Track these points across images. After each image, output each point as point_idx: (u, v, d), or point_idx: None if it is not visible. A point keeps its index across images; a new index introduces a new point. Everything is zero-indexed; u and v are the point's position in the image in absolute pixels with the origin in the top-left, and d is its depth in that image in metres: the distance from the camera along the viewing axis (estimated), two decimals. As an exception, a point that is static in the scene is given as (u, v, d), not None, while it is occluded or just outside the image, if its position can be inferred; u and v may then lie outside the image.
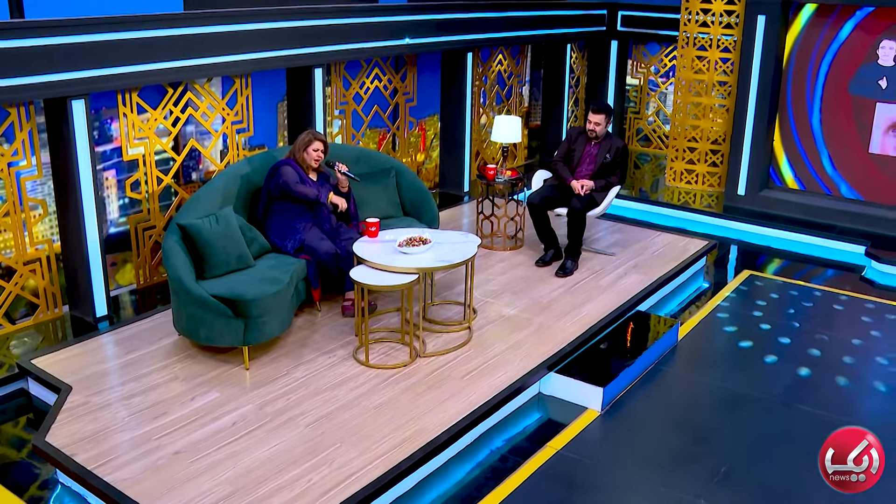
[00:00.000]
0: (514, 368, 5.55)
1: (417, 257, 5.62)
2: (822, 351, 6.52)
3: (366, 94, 8.51)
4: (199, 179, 7.29)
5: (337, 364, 5.50)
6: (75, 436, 4.57)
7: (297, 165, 6.07)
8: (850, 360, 6.42)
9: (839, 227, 8.99)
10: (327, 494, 4.15)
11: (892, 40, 8.69)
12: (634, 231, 8.55)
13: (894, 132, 8.96)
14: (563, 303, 6.67)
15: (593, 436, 5.26)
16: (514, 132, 7.83)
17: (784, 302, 7.50)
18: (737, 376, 6.12)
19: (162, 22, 6.00)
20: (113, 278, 6.62)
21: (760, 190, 9.70)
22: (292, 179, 5.97)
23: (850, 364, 6.36)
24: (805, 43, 9.19)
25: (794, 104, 9.44)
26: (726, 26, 9.81)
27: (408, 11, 8.18)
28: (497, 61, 10.54)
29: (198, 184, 7.19)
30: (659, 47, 11.91)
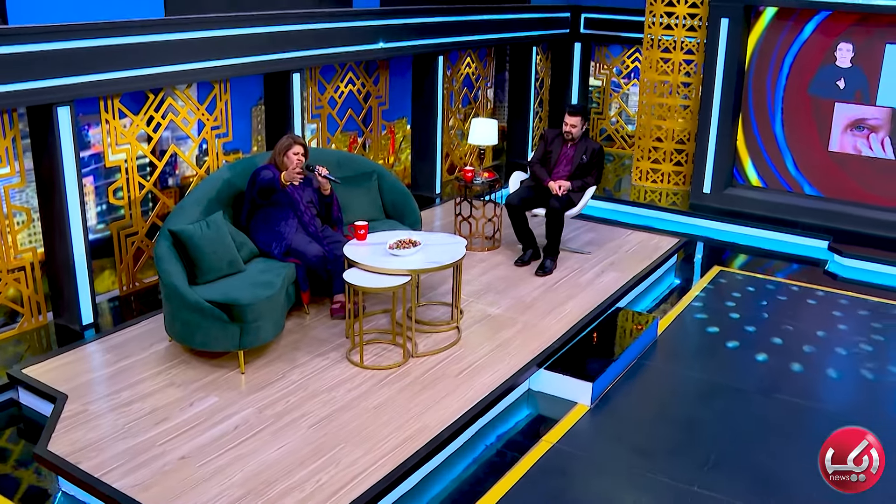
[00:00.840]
0: (506, 366, 5.66)
1: (408, 259, 5.69)
2: (794, 343, 6.76)
3: (340, 98, 8.56)
4: (176, 185, 7.26)
5: (331, 366, 5.55)
6: (77, 444, 4.55)
7: (277, 171, 6.08)
8: (821, 351, 6.67)
9: (802, 223, 9.28)
10: (338, 493, 4.21)
11: (849, 43, 9.01)
12: (607, 230, 8.73)
13: (852, 131, 9.28)
14: (545, 301, 6.80)
15: (585, 429, 5.39)
16: (490, 135, 7.95)
17: (755, 296, 7.74)
18: (715, 368, 6.32)
19: (147, 28, 5.98)
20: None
21: (725, 188, 9.96)
22: (266, 177, 5.97)
23: (820, 354, 6.61)
24: (766, 45, 9.47)
25: (755, 104, 9.72)
26: (689, 29, 10.06)
27: (381, 16, 8.25)
28: (465, 64, 10.65)
29: (175, 189, 7.16)
30: (621, 49, 12.14)
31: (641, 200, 10.21)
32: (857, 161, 9.32)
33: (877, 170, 9.24)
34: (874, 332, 7.03)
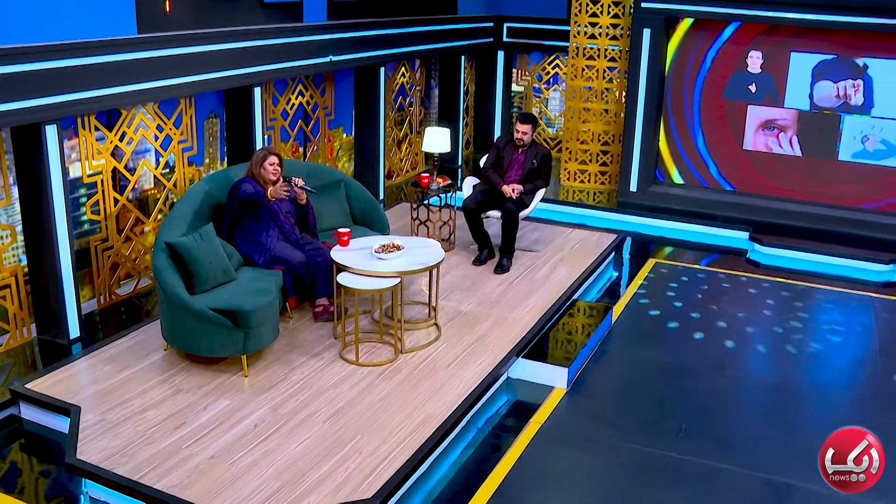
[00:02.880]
0: (489, 357, 6.09)
1: (394, 262, 6.05)
2: (734, 324, 7.45)
3: (292, 110, 8.81)
4: (135, 199, 7.35)
5: (328, 365, 5.85)
6: (105, 452, 4.72)
7: (255, 182, 6.31)
8: (756, 330, 7.38)
9: (722, 217, 10.06)
10: (368, 479, 4.54)
11: (759, 50, 9.86)
12: (549, 229, 9.26)
13: (764, 131, 10.14)
14: (509, 296, 7.26)
15: (567, 409, 5.88)
16: (443, 142, 8.36)
17: (690, 284, 8.41)
18: (668, 350, 6.96)
19: (132, 46, 6.16)
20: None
21: (649, 186, 10.66)
22: (242, 193, 6.21)
23: (756, 334, 7.33)
24: (684, 53, 10.23)
25: (675, 108, 10.47)
26: (612, 38, 10.73)
27: (332, 30, 8.56)
28: (400, 74, 11.03)
29: (134, 202, 7.25)
30: (542, 56, 12.77)
31: (571, 200, 10.80)
32: (769, 158, 10.18)
33: (786, 166, 10.12)
34: (798, 312, 7.79)
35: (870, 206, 9.82)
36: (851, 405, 6.28)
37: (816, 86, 9.75)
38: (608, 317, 7.20)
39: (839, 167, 9.89)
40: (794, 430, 5.79)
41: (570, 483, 5.09)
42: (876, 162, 9.73)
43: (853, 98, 9.62)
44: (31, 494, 4.74)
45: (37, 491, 4.81)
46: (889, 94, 9.46)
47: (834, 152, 9.88)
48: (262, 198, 6.15)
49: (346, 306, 6.58)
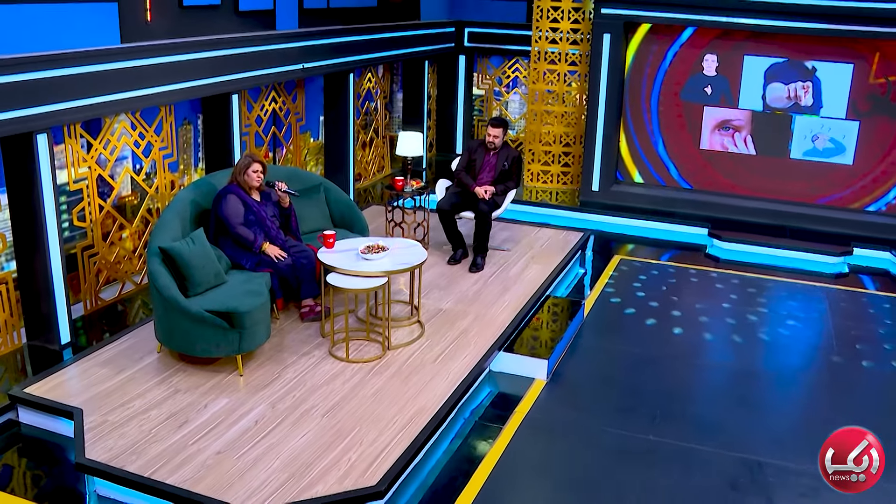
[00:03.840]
0: (472, 351, 6.36)
1: (380, 262, 6.29)
2: (698, 315, 7.84)
3: (265, 116, 8.98)
4: (113, 205, 7.44)
5: (319, 363, 6.06)
6: (112, 451, 4.87)
7: (240, 189, 6.49)
8: (719, 321, 7.78)
9: (681, 214, 10.48)
10: (371, 468, 4.78)
11: (714, 54, 10.30)
12: (518, 228, 9.56)
13: (719, 131, 10.59)
14: (486, 294, 7.54)
15: (548, 399, 6.17)
16: (416, 146, 8.62)
17: (655, 279, 8.79)
18: (638, 341, 7.31)
19: (122, 55, 6.34)
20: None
21: (611, 185, 11.04)
22: (235, 220, 6.38)
23: (719, 324, 7.72)
24: (642, 57, 10.63)
25: (634, 110, 10.86)
26: (573, 42, 11.09)
27: (305, 38, 8.77)
28: (367, 79, 11.25)
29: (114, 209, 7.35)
30: (502, 60, 13.09)
31: (534, 200, 11.12)
32: (725, 157, 10.64)
33: (742, 164, 10.58)
34: (757, 303, 8.21)
35: (820, 201, 10.33)
36: (812, 387, 6.71)
37: (768, 87, 10.23)
38: (580, 311, 7.52)
39: (791, 165, 10.38)
40: (761, 411, 6.18)
41: (558, 467, 5.38)
42: (825, 159, 10.24)
43: (803, 99, 10.12)
44: (39, 496, 4.86)
45: (45, 492, 4.93)
46: (836, 96, 9.98)
47: (786, 151, 10.37)
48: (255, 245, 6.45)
49: (332, 306, 6.79)
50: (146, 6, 6.82)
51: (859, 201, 10.23)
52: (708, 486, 5.16)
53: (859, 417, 5.97)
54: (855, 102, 9.93)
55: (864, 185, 10.18)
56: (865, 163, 10.09)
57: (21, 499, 4.79)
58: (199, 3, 7.40)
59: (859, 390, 6.64)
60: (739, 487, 5.15)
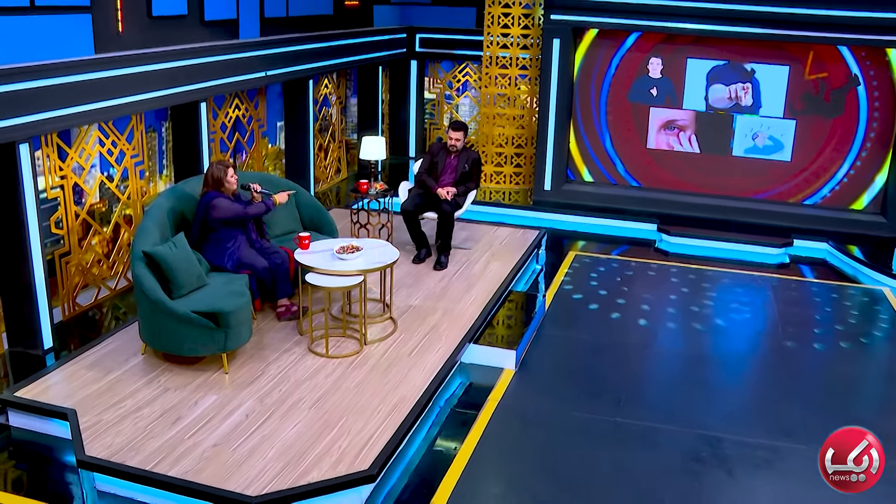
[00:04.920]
0: (445, 344, 6.68)
1: (355, 262, 6.57)
2: (652, 306, 8.29)
3: (230, 123, 9.18)
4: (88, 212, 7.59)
5: (300, 359, 6.31)
6: (111, 448, 5.06)
7: (221, 194, 6.71)
8: (673, 310, 8.26)
9: (631, 211, 10.96)
10: (361, 454, 5.07)
11: (658, 57, 10.82)
12: (476, 227, 9.90)
13: (665, 130, 11.11)
14: (452, 290, 7.87)
15: (518, 388, 6.52)
16: (379, 150, 8.91)
17: (609, 273, 9.23)
18: (597, 331, 7.73)
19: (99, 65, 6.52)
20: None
21: (562, 185, 11.47)
22: (240, 209, 6.65)
23: (673, 313, 8.20)
24: (590, 61, 11.09)
25: (583, 111, 11.32)
26: (523, 47, 11.49)
27: (268, 46, 9.00)
28: (323, 85, 11.50)
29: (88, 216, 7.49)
30: (452, 65, 13.45)
31: (489, 200, 11.49)
32: (671, 155, 11.16)
33: (687, 162, 11.11)
34: (706, 293, 8.70)
35: (761, 196, 10.92)
36: (761, 368, 7.22)
37: (711, 89, 10.78)
38: (542, 304, 7.90)
39: (733, 162, 10.95)
40: (716, 391, 6.64)
41: (533, 449, 5.73)
42: (765, 156, 10.84)
43: (743, 99, 10.69)
44: (38, 495, 5.02)
45: (43, 491, 5.09)
46: (774, 96, 10.57)
47: (728, 149, 10.94)
48: (271, 205, 6.78)
49: (307, 305, 7.04)
50: (118, 17, 6.98)
51: (798, 196, 10.86)
52: (673, 461, 5.56)
53: (804, 395, 6.54)
54: (791, 102, 10.54)
55: (801, 181, 10.80)
56: (802, 159, 10.71)
57: (21, 497, 4.95)
58: (167, 13, 7.58)
59: (804, 370, 7.15)
60: (701, 460, 5.57)
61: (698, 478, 5.39)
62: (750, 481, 5.37)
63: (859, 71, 10.29)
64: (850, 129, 10.49)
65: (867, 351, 7.56)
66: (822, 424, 6.02)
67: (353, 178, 12.61)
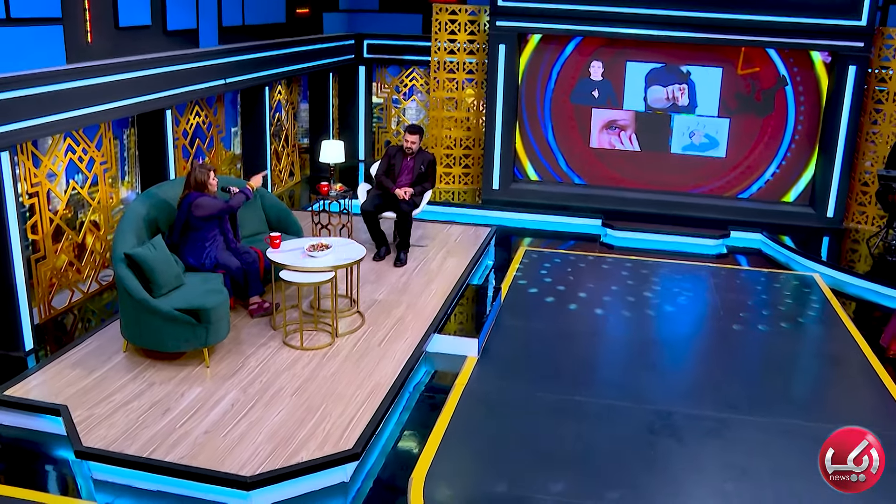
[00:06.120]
0: (412, 334, 7.07)
1: (325, 259, 6.92)
2: (601, 295, 8.83)
3: (191, 130, 9.43)
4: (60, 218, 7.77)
5: (277, 352, 6.64)
6: (107, 439, 5.33)
7: (204, 194, 6.99)
8: (621, 299, 8.79)
9: (576, 207, 11.50)
10: (345, 434, 5.44)
11: (599, 61, 11.40)
12: (430, 226, 10.31)
13: (607, 130, 11.69)
14: (413, 285, 8.27)
15: (482, 373, 6.95)
16: (338, 153, 9.27)
17: (559, 266, 9.73)
18: (551, 320, 8.22)
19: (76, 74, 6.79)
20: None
21: (510, 184, 11.95)
22: (222, 204, 6.95)
23: (622, 301, 8.73)
24: (535, 65, 11.62)
25: (529, 113, 11.83)
26: (469, 52, 11.95)
27: (228, 54, 9.28)
28: (277, 91, 11.79)
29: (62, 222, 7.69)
30: (400, 70, 13.86)
31: (439, 200, 11.90)
32: (613, 154, 11.75)
33: (628, 160, 11.71)
34: (651, 282, 9.27)
35: (699, 191, 11.58)
36: (704, 348, 7.83)
37: (649, 90, 11.40)
38: (498, 296, 8.36)
39: (672, 159, 11.59)
40: (665, 371, 7.18)
41: (500, 426, 6.16)
42: (702, 153, 11.50)
43: (680, 100, 11.33)
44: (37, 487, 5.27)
45: (42, 484, 5.34)
46: (709, 96, 11.24)
47: (667, 146, 11.58)
48: (250, 193, 7.15)
49: (279, 302, 7.37)
50: (87, 28, 7.21)
51: (733, 190, 11.54)
52: (630, 433, 6.06)
53: (745, 371, 7.11)
54: (725, 101, 11.22)
55: (736, 176, 11.49)
56: (736, 155, 11.40)
57: (21, 489, 5.19)
58: (133, 24, 7.82)
59: (744, 349, 7.74)
60: (655, 432, 6.08)
61: (653, 447, 5.89)
62: (699, 448, 5.90)
63: (787, 72, 11.01)
64: (780, 126, 11.23)
65: (800, 331, 8.20)
66: (762, 397, 6.68)
67: (306, 181, 12.94)
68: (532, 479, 5.42)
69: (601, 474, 5.54)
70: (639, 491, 5.37)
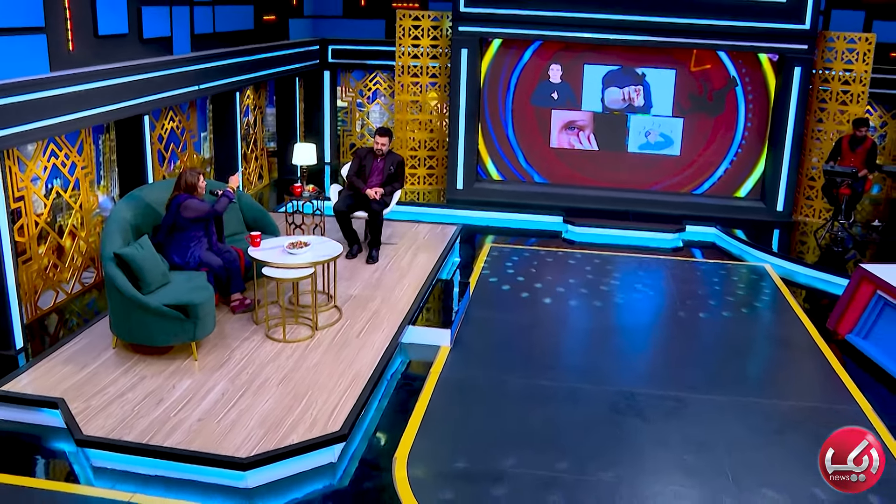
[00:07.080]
0: (388, 327, 7.44)
1: (305, 256, 7.26)
2: (565, 288, 9.27)
3: (166, 135, 9.69)
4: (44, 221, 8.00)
5: (260, 345, 6.97)
6: (105, 428, 5.62)
7: (192, 196, 7.27)
8: (583, 291, 9.24)
9: (537, 205, 11.94)
10: (330, 419, 5.78)
11: (558, 64, 11.88)
12: (398, 225, 10.67)
13: (567, 130, 12.16)
14: (386, 280, 8.63)
15: (455, 361, 7.34)
16: (310, 156, 9.60)
17: (524, 261, 10.17)
18: (519, 312, 8.64)
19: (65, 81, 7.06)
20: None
21: (473, 183, 12.37)
22: (207, 206, 7.23)
23: (584, 293, 9.18)
24: (496, 68, 12.05)
25: (491, 115, 12.26)
26: (433, 57, 12.34)
27: (204, 60, 9.57)
28: (246, 96, 12.07)
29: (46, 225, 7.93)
30: (363, 74, 14.21)
31: (405, 200, 12.26)
32: (573, 153, 12.23)
33: (587, 159, 12.20)
34: (612, 275, 9.75)
35: (655, 187, 12.10)
36: (663, 335, 8.32)
37: (606, 91, 11.91)
38: (467, 290, 8.76)
39: (629, 158, 12.11)
40: (627, 356, 7.66)
41: (475, 411, 6.55)
42: (657, 152, 12.04)
43: (636, 100, 11.85)
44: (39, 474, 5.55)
45: (43, 472, 5.61)
46: (663, 97, 11.78)
47: (624, 145, 12.09)
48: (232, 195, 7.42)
49: (260, 298, 7.68)
50: (68, 37, 7.46)
51: (687, 186, 12.09)
52: (596, 413, 6.50)
53: (702, 355, 7.60)
54: (678, 102, 11.76)
55: (690, 173, 12.04)
56: (690, 153, 11.96)
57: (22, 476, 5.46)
58: (111, 32, 8.08)
59: (699, 335, 8.25)
60: (620, 411, 6.52)
61: (619, 426, 6.33)
62: (663, 425, 6.35)
63: (737, 74, 11.59)
64: (731, 125, 11.80)
65: (753, 317, 8.73)
66: (718, 378, 7.16)
67: (274, 184, 13.22)
68: (502, 455, 5.82)
69: (566, 448, 5.95)
70: (601, 462, 5.77)
